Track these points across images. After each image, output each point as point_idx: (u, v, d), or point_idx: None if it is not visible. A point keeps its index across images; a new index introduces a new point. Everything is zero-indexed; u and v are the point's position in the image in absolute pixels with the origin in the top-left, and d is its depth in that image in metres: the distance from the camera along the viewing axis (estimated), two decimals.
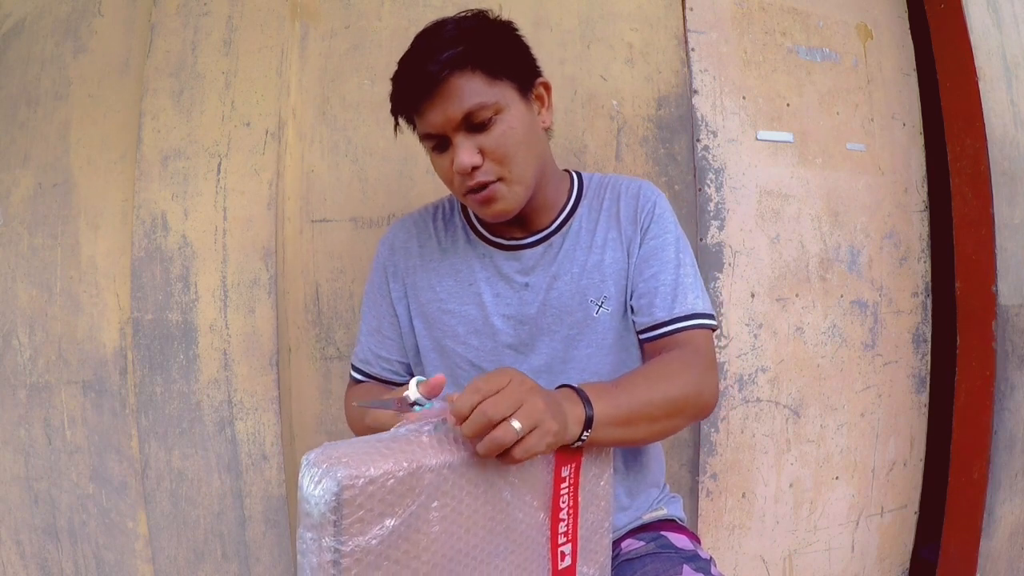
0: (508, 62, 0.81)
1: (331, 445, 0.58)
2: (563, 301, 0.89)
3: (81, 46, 1.31)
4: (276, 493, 1.22)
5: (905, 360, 1.43)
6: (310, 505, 0.54)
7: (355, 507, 0.54)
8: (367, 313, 0.99)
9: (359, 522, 0.54)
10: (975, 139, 1.35)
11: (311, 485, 0.54)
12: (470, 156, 0.78)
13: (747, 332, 1.32)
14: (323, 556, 0.54)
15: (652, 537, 0.90)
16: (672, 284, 0.86)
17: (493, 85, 0.79)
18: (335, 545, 0.53)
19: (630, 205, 0.91)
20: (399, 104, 0.83)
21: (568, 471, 0.71)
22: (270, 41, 1.25)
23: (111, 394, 1.26)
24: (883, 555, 1.45)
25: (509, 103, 0.80)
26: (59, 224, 1.28)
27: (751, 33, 1.35)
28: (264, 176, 1.23)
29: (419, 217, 0.99)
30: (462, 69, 0.77)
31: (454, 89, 0.77)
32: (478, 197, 0.82)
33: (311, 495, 0.54)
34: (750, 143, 1.33)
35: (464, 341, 0.91)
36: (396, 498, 0.56)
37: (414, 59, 0.80)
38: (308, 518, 0.55)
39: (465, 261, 0.93)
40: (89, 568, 1.28)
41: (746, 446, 1.33)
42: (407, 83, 0.80)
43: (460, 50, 0.77)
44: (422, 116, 0.80)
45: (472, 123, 0.78)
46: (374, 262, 0.99)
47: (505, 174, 0.81)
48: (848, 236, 1.38)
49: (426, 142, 0.83)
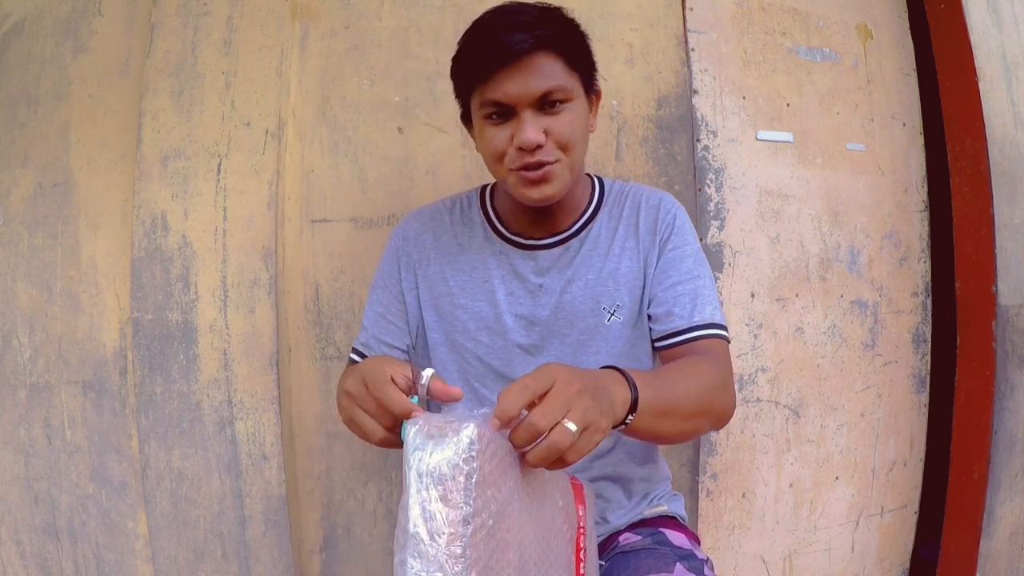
0: (583, 57, 0.84)
1: (430, 415, 0.54)
2: (576, 306, 0.89)
3: (81, 46, 1.31)
4: (276, 493, 1.22)
5: (905, 360, 1.43)
6: (435, 459, 0.49)
7: (485, 459, 0.50)
8: (374, 300, 0.97)
9: (482, 482, 0.50)
10: (975, 139, 1.35)
11: (432, 440, 0.50)
12: (536, 133, 0.78)
13: (747, 332, 1.32)
14: (451, 515, 0.49)
15: (650, 533, 0.90)
16: (691, 294, 0.87)
17: (570, 74, 0.80)
18: (464, 501, 0.49)
19: (650, 216, 0.92)
20: (468, 69, 0.82)
21: (582, 511, 0.71)
22: (270, 41, 1.25)
23: (111, 394, 1.26)
24: (883, 555, 1.45)
25: (578, 95, 0.82)
26: (59, 224, 1.28)
27: (751, 33, 1.35)
28: (264, 176, 1.23)
29: (435, 210, 0.98)
30: (548, 49, 0.78)
31: (538, 65, 0.78)
32: (532, 176, 0.81)
33: (436, 450, 0.50)
34: (750, 143, 1.33)
35: (475, 337, 0.91)
36: (501, 470, 0.54)
37: (498, 27, 0.79)
38: (428, 478, 0.49)
39: (480, 257, 0.93)
40: (89, 568, 1.28)
41: (746, 446, 1.33)
42: (487, 48, 0.78)
43: (551, 32, 0.78)
44: (495, 83, 0.78)
45: (545, 103, 0.79)
46: (385, 251, 0.98)
47: (563, 158, 0.82)
48: (848, 236, 1.38)
49: (487, 109, 0.81)
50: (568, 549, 0.68)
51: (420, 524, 0.49)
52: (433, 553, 0.48)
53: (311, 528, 1.30)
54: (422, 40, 1.30)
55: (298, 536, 1.28)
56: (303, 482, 1.29)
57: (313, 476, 1.30)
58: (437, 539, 0.48)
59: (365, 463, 1.29)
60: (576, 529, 0.71)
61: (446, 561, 0.48)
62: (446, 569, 0.47)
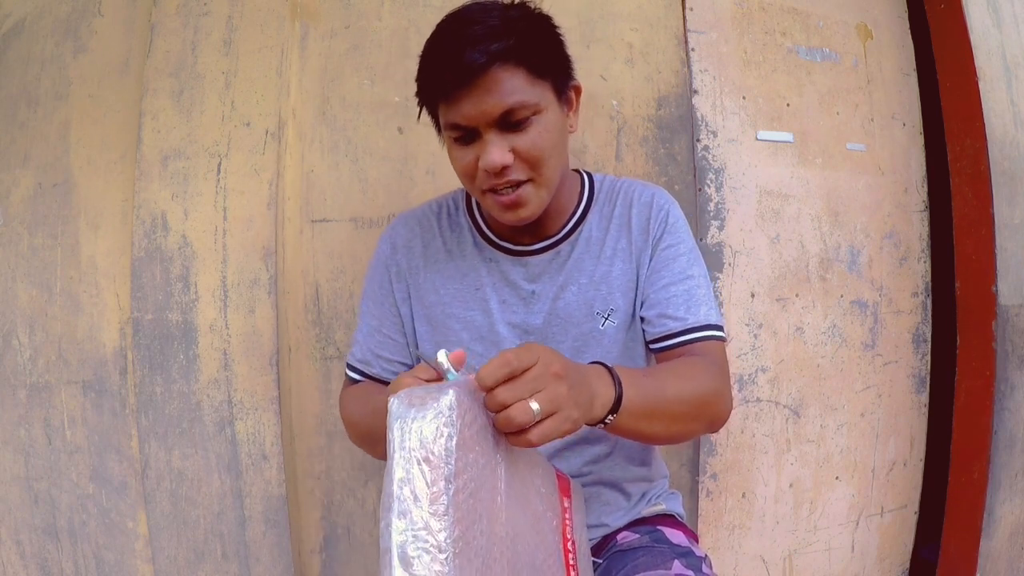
0: (551, 62, 0.78)
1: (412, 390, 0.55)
2: (569, 312, 0.87)
3: (81, 46, 1.31)
4: (276, 493, 1.22)
5: (905, 360, 1.43)
6: (416, 424, 0.50)
7: (465, 424, 0.52)
8: (367, 312, 0.95)
9: (463, 444, 0.51)
10: (975, 139, 1.35)
11: (413, 408, 0.51)
12: (502, 155, 0.74)
13: (747, 332, 1.32)
14: (432, 474, 0.50)
15: (648, 531, 0.90)
16: (685, 295, 0.85)
17: (534, 84, 0.75)
18: (445, 462, 0.50)
19: (642, 214, 0.89)
20: (427, 88, 0.78)
21: (567, 503, 0.71)
22: (270, 41, 1.25)
23: (111, 394, 1.26)
24: (883, 555, 1.45)
25: (547, 104, 0.76)
26: (59, 224, 1.28)
27: (751, 33, 1.35)
28: (264, 176, 1.23)
29: (422, 214, 0.95)
30: (506, 63, 0.72)
31: (496, 83, 0.72)
32: (503, 200, 0.77)
33: (417, 416, 0.51)
34: (750, 143, 1.33)
35: (468, 347, 0.88)
36: (483, 437, 0.55)
37: (452, 43, 0.74)
38: (410, 442, 0.50)
39: (471, 265, 0.90)
40: (89, 568, 1.28)
41: (746, 446, 1.33)
42: (442, 68, 0.74)
43: (508, 43, 0.72)
44: (453, 105, 0.74)
45: (508, 121, 0.74)
46: (374, 259, 0.96)
47: (535, 176, 0.77)
48: (848, 236, 1.38)
49: (450, 132, 0.78)
50: (554, 537, 0.68)
51: (404, 486, 0.49)
52: (417, 513, 0.49)
53: (311, 528, 1.30)
54: (422, 40, 1.26)
55: (298, 536, 1.28)
56: (303, 482, 1.29)
57: (313, 476, 1.30)
58: (420, 499, 0.49)
59: (365, 463, 1.29)
60: (561, 519, 0.70)
61: (430, 519, 0.49)
62: (431, 527, 0.48)
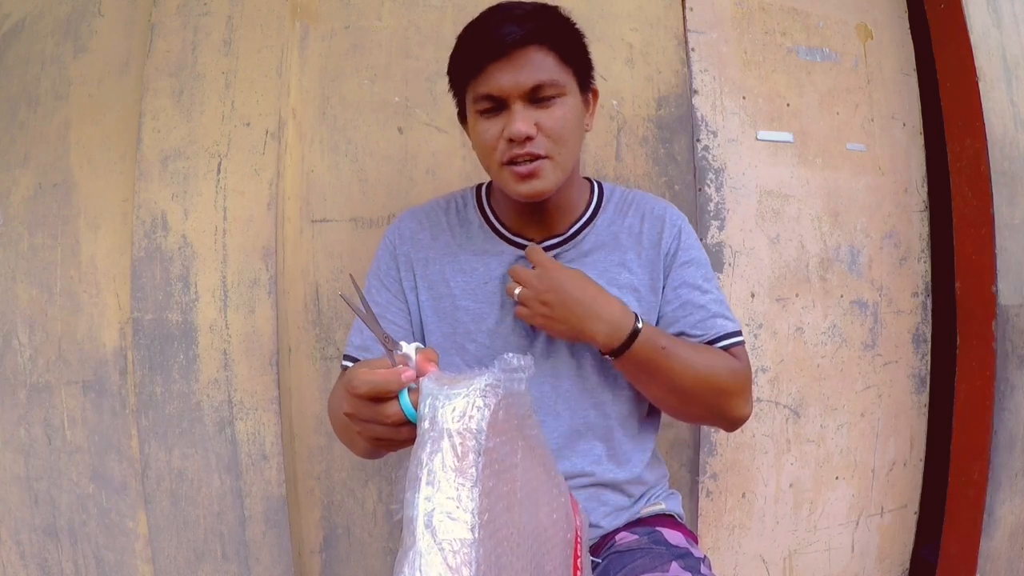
0: (578, 54, 0.84)
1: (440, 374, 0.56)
2: None
3: (81, 46, 1.31)
4: (276, 493, 1.22)
5: (905, 360, 1.43)
6: (450, 403, 0.52)
7: (499, 406, 0.54)
8: (371, 300, 0.94)
9: (494, 424, 0.53)
10: (975, 139, 1.35)
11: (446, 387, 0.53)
12: (527, 125, 0.79)
13: (747, 332, 1.32)
14: (465, 445, 0.51)
15: (646, 531, 0.90)
16: (702, 311, 0.89)
17: (563, 69, 0.81)
18: (476, 437, 0.51)
19: (655, 227, 0.92)
20: (462, 63, 0.83)
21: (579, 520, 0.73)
22: (270, 41, 1.25)
23: (111, 394, 1.26)
24: (883, 555, 1.45)
25: (571, 91, 0.83)
26: (59, 224, 1.28)
27: (751, 33, 1.35)
28: (264, 176, 1.23)
29: (430, 209, 0.98)
30: (540, 43, 0.79)
31: (529, 58, 0.79)
32: (521, 170, 0.82)
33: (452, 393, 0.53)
34: (750, 143, 1.33)
35: (476, 339, 0.91)
36: (509, 426, 0.57)
37: (491, 20, 0.81)
38: (444, 418, 0.52)
39: (481, 259, 0.92)
40: (89, 568, 1.28)
41: (746, 446, 1.33)
42: (479, 42, 0.80)
43: (542, 24, 0.80)
44: (486, 76, 0.80)
45: (536, 96, 0.80)
46: (380, 251, 0.97)
47: (554, 153, 0.82)
48: (848, 236, 1.38)
49: (478, 104, 0.82)
50: (565, 551, 0.68)
51: (434, 456, 0.51)
52: (446, 482, 0.50)
53: (311, 528, 1.30)
54: (422, 40, 1.30)
55: (298, 536, 1.28)
56: (303, 482, 1.29)
57: (313, 476, 1.30)
58: (449, 470, 0.50)
59: (365, 463, 1.29)
60: (573, 533, 0.71)
61: (460, 489, 0.50)
62: (460, 496, 0.49)
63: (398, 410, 0.57)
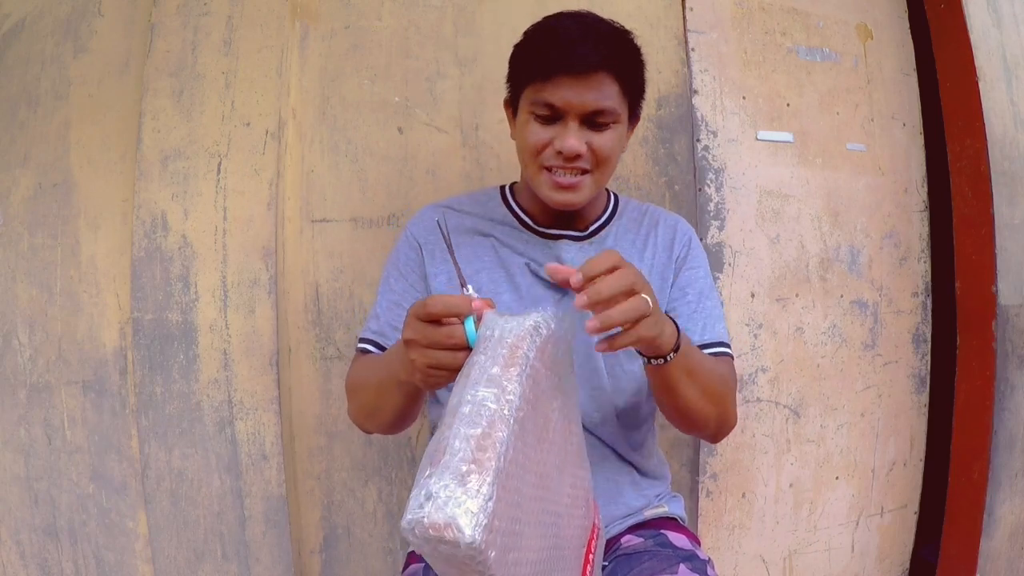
0: (637, 89, 0.88)
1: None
2: None
3: (81, 46, 1.31)
4: (276, 493, 1.22)
5: (905, 360, 1.43)
6: (503, 329, 0.56)
7: (547, 343, 0.57)
8: (388, 289, 0.95)
9: (539, 357, 0.56)
10: (975, 139, 1.35)
11: (502, 319, 0.57)
12: (580, 144, 0.82)
13: (747, 332, 1.32)
14: (515, 357, 0.54)
15: (651, 534, 0.90)
16: (704, 313, 0.91)
17: (622, 99, 0.84)
18: (523, 362, 0.54)
19: (667, 235, 0.96)
20: (530, 64, 0.84)
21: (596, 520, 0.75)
22: (270, 41, 1.25)
23: (111, 394, 1.26)
24: (883, 555, 1.45)
25: (623, 120, 0.86)
26: (59, 224, 1.28)
27: (751, 33, 1.35)
28: (264, 176, 1.23)
29: (452, 202, 1.00)
30: (610, 71, 0.81)
31: (599, 83, 0.81)
32: (562, 181, 0.84)
33: (506, 325, 0.57)
34: (750, 143, 1.33)
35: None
36: (553, 361, 0.60)
37: (572, 32, 0.81)
38: (500, 337, 0.56)
39: (503, 248, 0.94)
40: (89, 568, 1.28)
41: (746, 446, 1.33)
42: (555, 50, 0.81)
43: (618, 57, 0.82)
44: (554, 86, 0.81)
45: (593, 119, 0.82)
46: (400, 242, 0.97)
47: (596, 171, 0.85)
48: (848, 236, 1.38)
49: (535, 108, 0.83)
50: (581, 537, 0.69)
51: (485, 356, 0.54)
52: (491, 375, 0.53)
53: (311, 528, 1.30)
54: (422, 40, 1.30)
55: (298, 536, 1.28)
56: (303, 482, 1.29)
57: (313, 476, 1.30)
58: (496, 366, 0.53)
59: (365, 463, 1.29)
60: (590, 533, 0.71)
61: (507, 383, 0.52)
62: (506, 388, 0.52)
63: (462, 333, 0.60)
